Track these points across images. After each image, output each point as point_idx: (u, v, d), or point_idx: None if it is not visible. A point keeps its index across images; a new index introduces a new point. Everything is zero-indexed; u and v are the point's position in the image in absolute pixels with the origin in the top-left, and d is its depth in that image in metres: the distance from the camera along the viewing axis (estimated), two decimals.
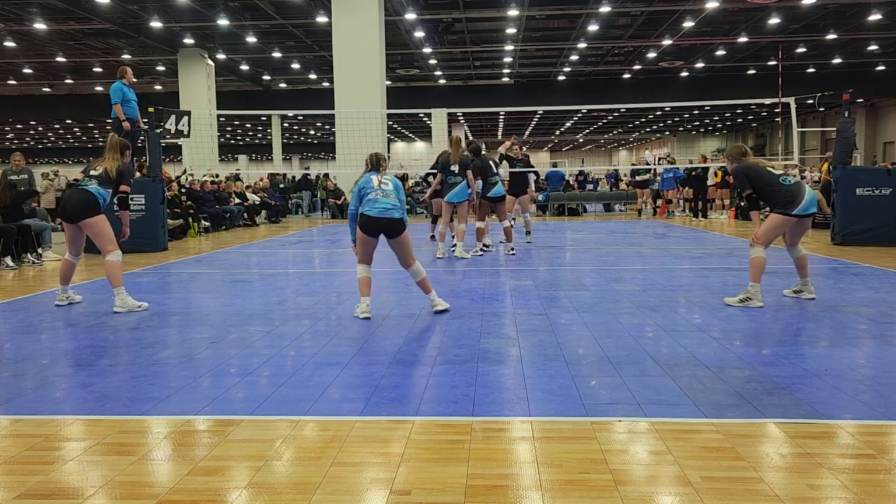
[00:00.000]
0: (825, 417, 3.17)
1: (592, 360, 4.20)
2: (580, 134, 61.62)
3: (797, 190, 5.73)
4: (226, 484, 2.58)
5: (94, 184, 6.17)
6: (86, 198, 6.12)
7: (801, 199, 5.70)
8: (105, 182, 6.20)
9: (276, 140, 39.43)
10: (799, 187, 5.77)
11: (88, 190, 6.15)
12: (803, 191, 5.74)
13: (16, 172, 11.61)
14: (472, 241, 10.82)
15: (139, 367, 4.18)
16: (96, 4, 20.94)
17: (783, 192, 5.75)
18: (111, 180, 6.22)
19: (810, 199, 5.75)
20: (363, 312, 5.59)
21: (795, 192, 5.72)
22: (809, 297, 6.12)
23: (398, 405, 3.42)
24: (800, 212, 5.73)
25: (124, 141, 6.50)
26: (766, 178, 5.84)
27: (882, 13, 22.42)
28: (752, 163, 6.00)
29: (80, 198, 6.14)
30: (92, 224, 6.13)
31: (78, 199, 6.14)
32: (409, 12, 22.04)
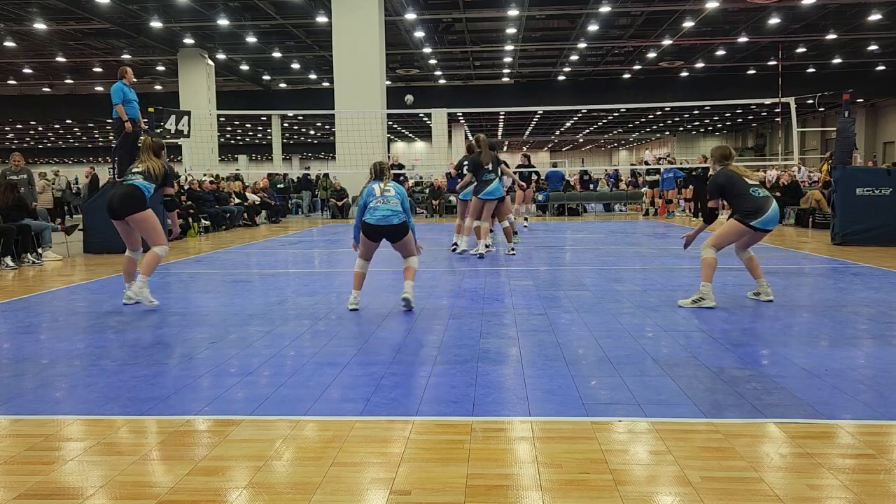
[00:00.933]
0: (825, 417, 3.17)
1: (592, 360, 4.20)
2: (580, 134, 61.62)
3: (763, 203, 5.76)
4: (226, 484, 2.58)
5: (140, 178, 6.10)
6: (130, 191, 6.04)
7: (764, 213, 5.74)
8: (149, 178, 6.14)
9: (276, 140, 39.44)
10: (766, 201, 5.79)
11: (133, 183, 6.07)
12: (768, 206, 5.76)
13: (15, 172, 11.61)
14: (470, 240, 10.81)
15: (139, 367, 4.18)
16: (96, 4, 20.94)
17: (750, 202, 5.78)
18: (154, 179, 6.17)
19: (773, 214, 5.79)
20: (351, 304, 5.91)
21: (761, 204, 5.76)
22: (767, 300, 6.08)
23: (398, 405, 3.42)
24: (758, 224, 5.77)
25: (158, 140, 6.47)
26: (739, 186, 5.85)
27: (882, 13, 22.42)
28: (730, 170, 5.96)
29: (124, 191, 6.07)
30: (140, 219, 6.07)
31: (122, 192, 6.07)
32: (409, 12, 22.05)
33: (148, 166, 6.19)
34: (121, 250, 10.87)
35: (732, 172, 5.94)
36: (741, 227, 5.83)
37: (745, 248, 6.14)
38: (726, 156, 6.10)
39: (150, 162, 6.22)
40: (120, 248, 10.90)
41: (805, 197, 15.23)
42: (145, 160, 6.25)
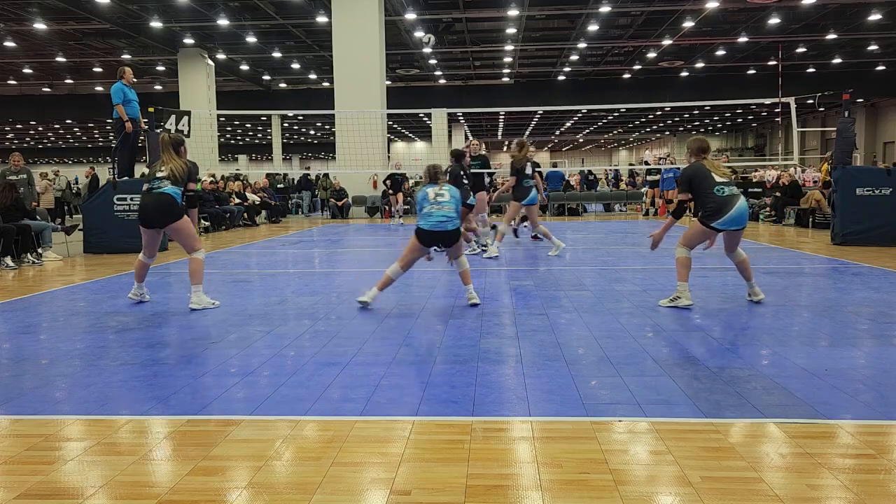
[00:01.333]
0: (825, 417, 3.17)
1: (592, 360, 4.20)
2: (580, 134, 61.64)
3: (725, 202, 5.59)
4: (226, 484, 2.58)
5: (168, 184, 6.04)
6: (166, 200, 6.01)
7: (725, 213, 5.58)
8: (175, 182, 6.08)
9: (276, 140, 39.45)
10: (729, 200, 5.60)
11: (166, 192, 6.02)
12: (732, 205, 5.59)
13: (15, 173, 11.62)
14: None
15: (139, 367, 4.18)
16: (96, 4, 20.95)
17: (712, 201, 5.62)
18: (179, 181, 6.10)
19: (736, 214, 5.60)
20: (364, 297, 5.99)
21: (723, 203, 5.58)
22: (757, 300, 6.05)
23: (398, 405, 3.42)
24: (718, 225, 5.63)
25: (177, 137, 6.38)
26: (705, 183, 5.67)
27: (882, 13, 22.43)
28: (701, 164, 5.79)
29: (159, 201, 6.01)
30: (178, 228, 6.07)
31: (157, 202, 6.02)
32: (409, 12, 22.05)
33: (171, 168, 6.09)
34: (121, 251, 10.98)
35: (702, 166, 5.76)
36: (702, 228, 5.75)
37: (731, 248, 6.03)
38: (703, 149, 5.91)
39: (172, 163, 6.12)
40: (120, 249, 11.01)
41: (805, 197, 15.23)
42: (167, 161, 6.14)
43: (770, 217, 16.61)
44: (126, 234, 11.21)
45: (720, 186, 5.67)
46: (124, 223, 11.25)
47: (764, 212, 16.99)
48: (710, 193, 5.65)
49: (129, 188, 11.36)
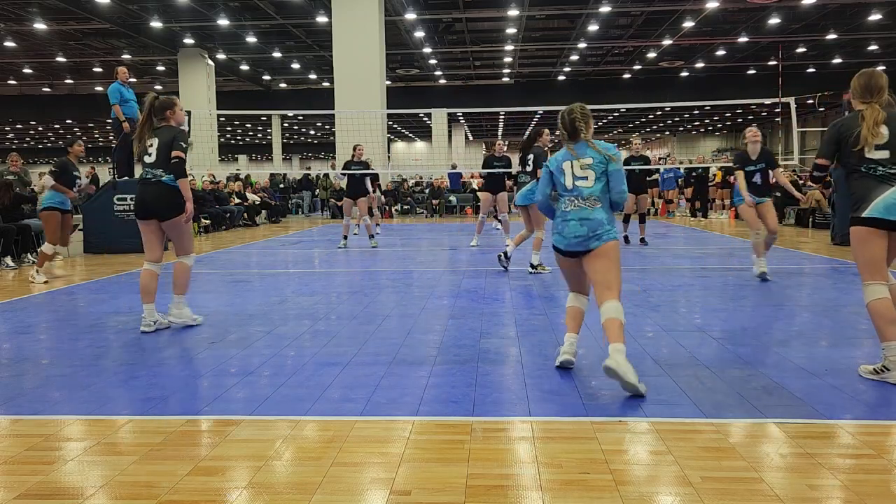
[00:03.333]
0: (825, 417, 3.16)
1: (592, 360, 4.20)
2: None
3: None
4: (226, 484, 2.58)
5: (162, 172, 5.15)
6: (165, 191, 5.15)
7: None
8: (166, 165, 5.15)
9: (276, 140, 39.46)
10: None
11: (164, 182, 5.16)
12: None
13: (12, 173, 11.62)
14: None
15: (139, 367, 4.17)
16: (96, 4, 20.95)
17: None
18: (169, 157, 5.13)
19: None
20: (563, 354, 3.99)
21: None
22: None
23: (398, 405, 3.42)
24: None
25: (166, 100, 5.28)
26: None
27: (882, 13, 22.43)
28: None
29: (157, 191, 5.15)
30: (177, 223, 5.24)
31: (154, 192, 5.15)
32: (409, 12, 22.05)
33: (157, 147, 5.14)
34: (121, 251, 10.97)
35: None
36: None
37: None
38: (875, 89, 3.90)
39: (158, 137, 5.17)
40: (120, 249, 11.00)
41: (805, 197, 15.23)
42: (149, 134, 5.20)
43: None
44: (126, 234, 11.21)
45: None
46: (124, 223, 11.25)
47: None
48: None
49: (129, 188, 11.37)
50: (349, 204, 11.67)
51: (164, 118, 5.25)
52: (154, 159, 5.17)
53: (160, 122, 5.25)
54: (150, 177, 5.19)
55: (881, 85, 3.79)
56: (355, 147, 11.61)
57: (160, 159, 5.15)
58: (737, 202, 7.60)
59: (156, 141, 5.17)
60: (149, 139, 5.20)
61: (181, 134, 5.23)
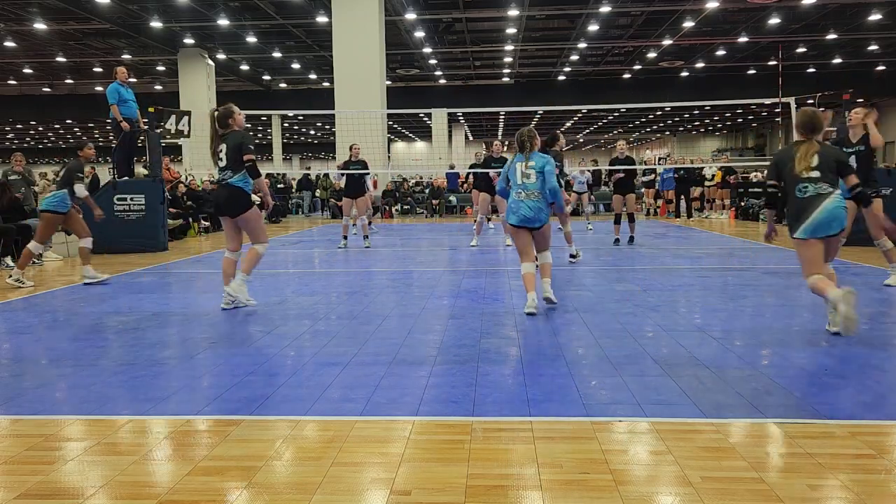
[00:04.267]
0: (825, 417, 3.16)
1: (592, 360, 4.20)
2: (580, 134, 61.64)
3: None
4: (226, 484, 2.58)
5: (231, 174, 5.91)
6: (234, 192, 5.92)
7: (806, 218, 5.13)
8: (235, 167, 5.89)
9: (276, 140, 39.46)
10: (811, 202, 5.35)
11: (232, 184, 5.91)
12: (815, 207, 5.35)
13: (16, 173, 11.62)
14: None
15: (139, 367, 4.18)
16: (96, 4, 20.95)
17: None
18: (238, 160, 5.87)
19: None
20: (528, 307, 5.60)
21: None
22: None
23: (398, 405, 3.42)
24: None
25: (225, 109, 6.05)
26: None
27: (882, 13, 22.42)
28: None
29: (228, 193, 5.93)
30: (247, 218, 6.01)
31: (226, 195, 5.95)
32: (409, 12, 22.05)
33: (225, 151, 5.89)
34: (121, 251, 10.97)
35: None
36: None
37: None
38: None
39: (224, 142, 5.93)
40: (120, 249, 11.01)
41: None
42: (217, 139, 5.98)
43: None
44: (126, 234, 11.23)
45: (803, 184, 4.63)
46: (124, 223, 11.26)
47: (764, 212, 16.99)
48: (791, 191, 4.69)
49: (128, 188, 11.37)
50: (348, 203, 11.76)
51: (227, 126, 5.98)
52: (225, 163, 5.91)
53: (225, 130, 5.98)
54: (221, 180, 5.98)
55: (820, 126, 4.70)
56: (352, 147, 11.71)
57: (229, 161, 5.88)
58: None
59: (224, 146, 5.91)
60: (218, 145, 5.95)
61: (247, 137, 6.01)
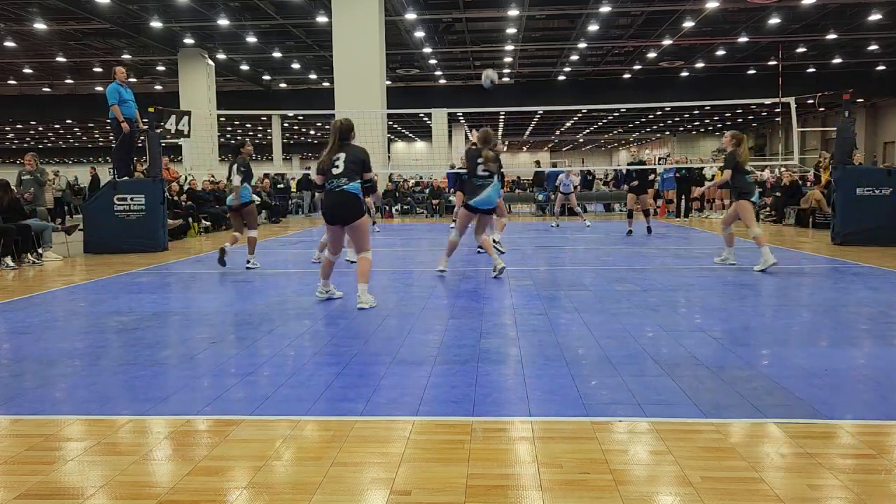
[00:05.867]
0: (825, 417, 3.17)
1: (592, 360, 4.20)
2: (580, 134, 61.63)
3: (477, 188, 7.54)
4: (226, 484, 2.58)
5: (346, 181, 5.94)
6: (348, 199, 5.97)
7: (475, 196, 7.53)
8: (351, 176, 5.96)
9: (276, 140, 39.44)
10: (480, 186, 7.53)
11: (347, 191, 5.95)
12: (481, 191, 7.52)
13: (29, 173, 11.65)
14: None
15: (139, 367, 4.18)
16: (96, 4, 20.94)
17: (469, 186, 7.61)
18: (355, 172, 5.98)
19: (482, 198, 7.51)
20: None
21: (478, 189, 7.54)
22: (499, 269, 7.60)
23: (398, 405, 3.42)
24: (473, 204, 7.60)
25: (348, 122, 6.11)
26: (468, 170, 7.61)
27: (882, 13, 22.42)
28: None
29: (341, 200, 5.97)
30: (357, 226, 6.07)
31: (339, 201, 5.97)
32: (409, 12, 22.05)
33: (344, 161, 5.94)
34: (121, 251, 10.99)
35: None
36: (465, 211, 7.79)
37: (479, 231, 7.98)
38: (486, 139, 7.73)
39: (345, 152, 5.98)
40: (120, 249, 11.02)
41: (805, 197, 15.24)
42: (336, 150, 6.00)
43: (770, 217, 16.61)
44: (126, 234, 11.23)
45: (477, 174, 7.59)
46: (124, 223, 11.26)
47: (764, 212, 16.99)
48: (469, 178, 7.75)
49: (129, 188, 11.37)
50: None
51: (349, 138, 6.09)
52: (341, 171, 5.96)
53: (346, 141, 6.09)
54: (335, 187, 5.97)
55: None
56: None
57: (346, 171, 5.95)
58: None
59: (342, 156, 5.98)
60: (336, 154, 6.01)
61: (368, 156, 6.14)
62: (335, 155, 6.00)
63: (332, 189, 6.00)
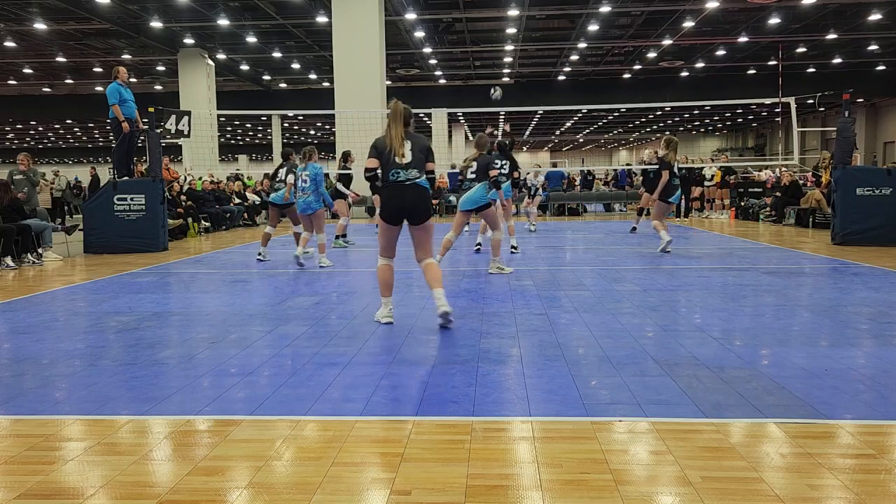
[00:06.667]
0: (825, 417, 3.17)
1: (592, 360, 4.20)
2: (580, 134, 61.62)
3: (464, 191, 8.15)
4: (226, 484, 2.58)
5: (416, 173, 5.18)
6: (424, 195, 5.23)
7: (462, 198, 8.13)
8: (421, 167, 5.21)
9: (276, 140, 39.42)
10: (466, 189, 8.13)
11: (421, 185, 5.21)
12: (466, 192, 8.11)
13: (22, 173, 11.62)
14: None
15: (139, 367, 4.18)
16: (96, 4, 20.95)
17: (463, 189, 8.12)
18: (423, 162, 5.22)
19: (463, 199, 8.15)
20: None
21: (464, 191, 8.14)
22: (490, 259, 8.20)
23: (398, 405, 3.42)
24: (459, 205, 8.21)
25: (408, 108, 5.35)
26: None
27: (882, 13, 22.42)
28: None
29: (417, 194, 5.19)
30: (428, 226, 5.35)
31: (417, 196, 5.19)
32: (409, 12, 22.04)
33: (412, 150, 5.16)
34: (121, 251, 10.98)
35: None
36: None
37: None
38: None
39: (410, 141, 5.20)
40: (120, 249, 11.01)
41: (805, 197, 15.23)
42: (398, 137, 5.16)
43: (770, 217, 16.61)
44: (126, 235, 11.23)
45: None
46: (124, 223, 11.26)
47: (764, 212, 16.98)
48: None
49: (128, 188, 11.37)
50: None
51: (409, 125, 5.33)
52: (410, 160, 5.16)
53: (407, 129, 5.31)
54: (404, 179, 5.17)
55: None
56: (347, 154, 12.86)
57: (415, 161, 5.17)
58: None
59: (409, 143, 5.19)
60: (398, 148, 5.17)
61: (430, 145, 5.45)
62: (401, 142, 5.17)
63: (401, 182, 5.16)
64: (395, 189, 5.18)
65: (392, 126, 5.20)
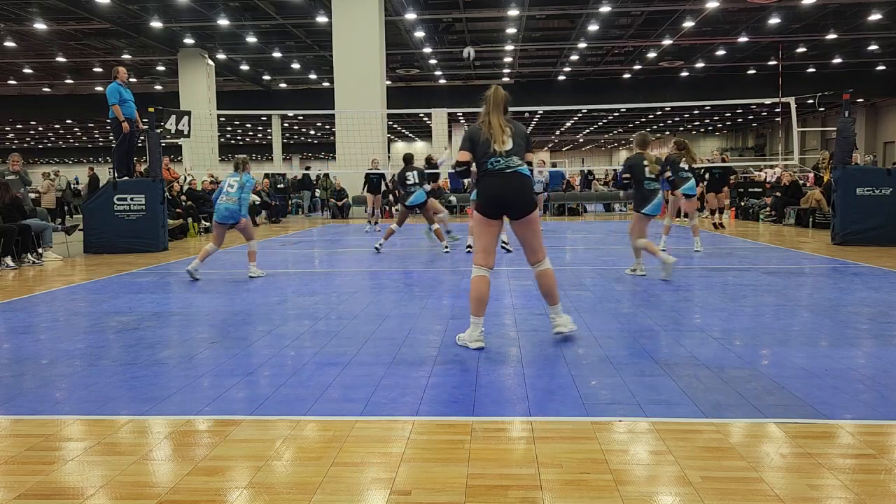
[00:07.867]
0: (825, 417, 3.16)
1: (592, 360, 4.20)
2: (580, 134, 61.64)
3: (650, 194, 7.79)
4: (226, 484, 2.58)
5: (518, 160, 4.61)
6: (527, 184, 4.64)
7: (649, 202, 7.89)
8: (522, 155, 4.65)
9: (276, 140, 39.43)
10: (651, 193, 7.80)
11: (523, 174, 4.61)
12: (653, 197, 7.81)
13: (14, 173, 11.61)
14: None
15: (139, 367, 4.18)
16: (96, 4, 20.95)
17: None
18: (523, 150, 4.67)
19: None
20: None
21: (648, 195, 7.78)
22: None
23: (398, 405, 3.42)
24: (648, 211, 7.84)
25: (507, 94, 4.75)
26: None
27: (882, 13, 22.43)
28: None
29: (523, 185, 4.61)
30: (533, 219, 4.68)
31: (521, 186, 4.60)
32: (409, 12, 22.05)
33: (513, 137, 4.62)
34: (121, 251, 10.98)
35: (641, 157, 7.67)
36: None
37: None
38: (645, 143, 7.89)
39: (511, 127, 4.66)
40: (120, 249, 11.01)
41: (805, 197, 15.23)
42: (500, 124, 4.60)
43: (770, 217, 16.61)
44: (126, 234, 11.23)
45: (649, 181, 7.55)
46: (124, 223, 11.26)
47: (764, 212, 16.98)
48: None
49: (128, 188, 11.37)
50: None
51: (506, 112, 4.75)
52: (511, 146, 4.59)
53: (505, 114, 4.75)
54: (506, 167, 4.57)
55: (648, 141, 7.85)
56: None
57: (516, 148, 4.62)
58: None
59: (509, 129, 4.65)
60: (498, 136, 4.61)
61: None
62: (502, 129, 4.62)
63: (501, 170, 4.56)
64: (495, 178, 4.56)
65: (492, 114, 4.65)
